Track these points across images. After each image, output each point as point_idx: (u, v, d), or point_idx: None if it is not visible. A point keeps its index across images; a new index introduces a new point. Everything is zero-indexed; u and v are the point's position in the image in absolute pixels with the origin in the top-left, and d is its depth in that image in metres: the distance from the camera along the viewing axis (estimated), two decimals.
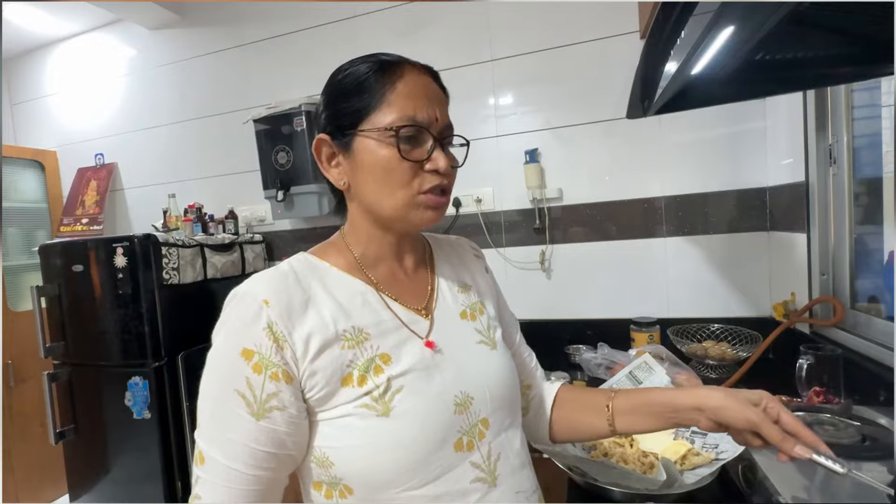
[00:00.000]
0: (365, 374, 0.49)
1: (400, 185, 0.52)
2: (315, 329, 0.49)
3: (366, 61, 0.54)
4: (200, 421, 0.49)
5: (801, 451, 0.48)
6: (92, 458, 1.67)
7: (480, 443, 0.53)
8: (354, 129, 0.52)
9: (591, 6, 1.55)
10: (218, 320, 0.51)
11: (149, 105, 2.20)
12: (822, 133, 1.14)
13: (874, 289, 1.11)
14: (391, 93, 0.51)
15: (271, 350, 0.47)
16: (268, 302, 0.48)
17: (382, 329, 0.53)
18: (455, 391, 0.52)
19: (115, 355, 1.57)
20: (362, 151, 0.52)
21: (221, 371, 0.48)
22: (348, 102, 0.53)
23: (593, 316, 1.62)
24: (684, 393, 0.56)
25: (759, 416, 0.49)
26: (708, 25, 0.59)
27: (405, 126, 0.51)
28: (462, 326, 0.60)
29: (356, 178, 0.54)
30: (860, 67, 0.78)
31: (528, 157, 1.62)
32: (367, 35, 1.81)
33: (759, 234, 1.46)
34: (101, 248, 1.55)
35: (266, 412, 0.47)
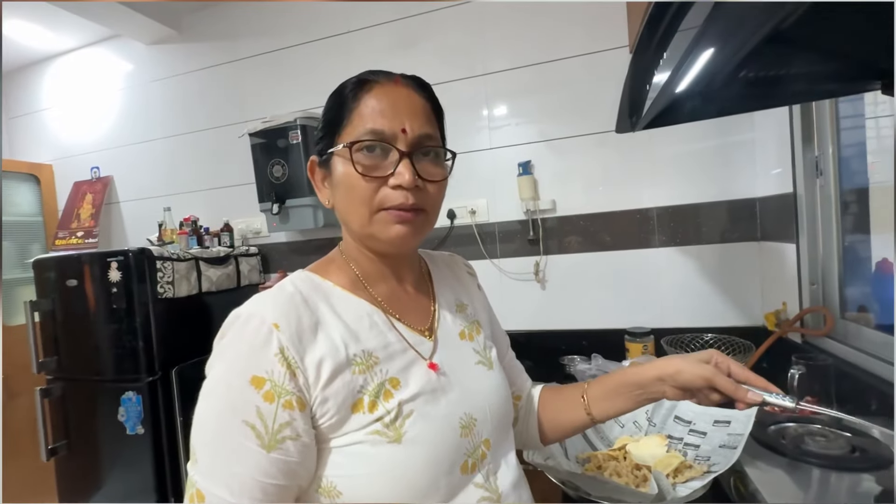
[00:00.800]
0: (375, 399, 0.48)
1: (361, 201, 0.50)
2: (326, 354, 0.47)
3: (350, 80, 0.54)
4: (199, 455, 0.45)
5: (752, 396, 0.52)
6: (84, 475, 1.65)
7: (482, 463, 0.53)
8: (330, 148, 0.53)
9: (582, 22, 1.58)
10: (216, 345, 0.48)
11: (145, 119, 2.21)
12: (809, 145, 1.16)
13: (863, 298, 1.12)
14: (355, 109, 0.51)
15: (284, 377, 0.44)
16: (278, 325, 0.46)
17: (390, 352, 0.52)
18: (460, 413, 0.52)
19: (109, 370, 1.56)
20: (336, 171, 0.53)
21: (226, 401, 0.45)
22: (326, 123, 0.54)
23: (588, 326, 1.63)
24: (645, 367, 0.59)
25: (711, 371, 0.53)
26: (691, 44, 0.60)
27: (360, 141, 0.49)
28: (462, 347, 0.60)
29: (335, 197, 0.55)
30: (841, 84, 0.80)
31: (521, 168, 1.63)
32: (361, 50, 1.84)
33: (750, 244, 1.48)
34: (96, 262, 1.55)
35: (278, 443, 0.44)
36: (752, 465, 0.73)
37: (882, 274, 1.04)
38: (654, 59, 0.73)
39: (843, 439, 0.77)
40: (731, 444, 0.77)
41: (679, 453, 0.83)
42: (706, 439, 0.83)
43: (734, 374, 0.54)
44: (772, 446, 0.77)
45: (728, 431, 0.80)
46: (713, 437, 0.82)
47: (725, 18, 0.53)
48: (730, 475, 0.74)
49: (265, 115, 1.77)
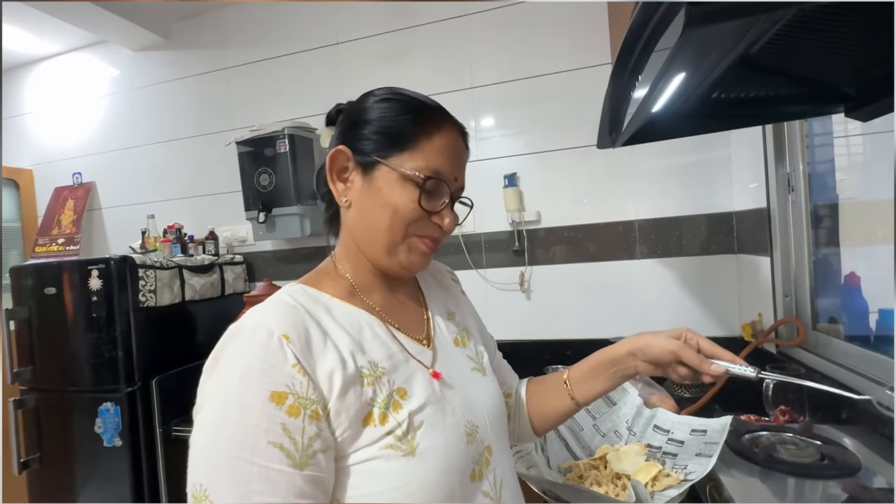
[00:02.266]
0: (385, 411, 0.47)
1: (403, 222, 0.52)
2: (336, 366, 0.45)
3: (409, 99, 0.55)
4: (214, 497, 0.40)
5: (716, 368, 0.55)
6: (58, 489, 1.60)
7: (487, 470, 0.53)
8: (382, 158, 0.52)
9: (566, 38, 1.62)
10: (213, 365, 0.44)
11: (130, 125, 2.19)
12: (781, 162, 1.21)
13: (834, 310, 1.16)
14: (426, 141, 0.53)
15: (307, 387, 0.42)
16: (288, 337, 0.44)
17: (394, 362, 0.51)
18: (464, 421, 0.52)
19: (86, 380, 1.53)
20: (382, 181, 0.52)
21: (244, 425, 0.41)
22: (382, 131, 0.53)
23: (571, 336, 1.65)
24: (618, 344, 0.63)
25: (678, 345, 0.57)
26: (664, 66, 0.63)
27: (431, 177, 0.52)
28: (458, 355, 0.60)
29: (363, 201, 0.54)
30: (808, 107, 0.85)
31: (506, 181, 1.66)
32: (350, 62, 1.85)
33: (728, 256, 1.52)
34: (76, 270, 1.52)
35: (310, 458, 0.41)
36: (727, 474, 0.75)
37: (850, 287, 1.08)
38: (630, 79, 0.76)
39: (812, 447, 0.79)
40: (706, 452, 0.79)
41: (658, 462, 0.84)
42: (683, 448, 0.85)
43: (703, 349, 0.57)
44: (745, 454, 0.79)
45: (704, 440, 0.82)
46: (690, 446, 0.84)
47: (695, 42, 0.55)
48: (705, 483, 0.76)
49: (253, 124, 1.77)
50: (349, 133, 0.55)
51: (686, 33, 0.44)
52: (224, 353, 0.45)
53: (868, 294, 1.07)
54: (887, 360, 0.89)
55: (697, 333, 0.58)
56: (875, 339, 1.02)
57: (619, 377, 0.63)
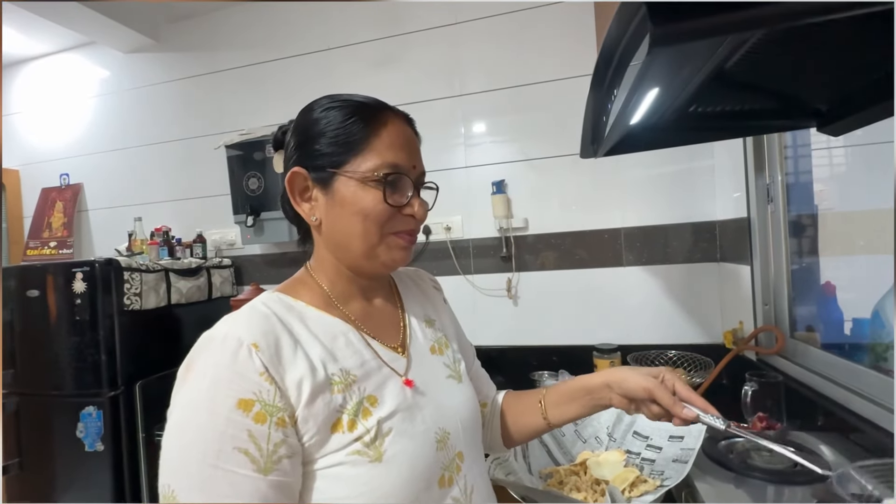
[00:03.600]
0: (354, 418, 0.48)
1: (375, 224, 0.53)
2: (306, 374, 0.47)
3: (348, 103, 0.55)
4: (181, 498, 0.41)
5: (687, 412, 0.55)
6: (38, 495, 1.57)
7: (458, 476, 0.54)
8: (337, 168, 0.53)
9: (555, 49, 1.65)
10: (185, 372, 0.46)
11: (118, 127, 2.18)
12: (760, 173, 1.23)
13: (811, 318, 1.18)
14: (375, 139, 0.53)
15: (274, 395, 0.44)
16: (257, 346, 0.45)
17: (366, 370, 0.52)
18: (435, 428, 0.53)
19: (68, 384, 1.51)
20: (344, 191, 0.53)
21: (211, 431, 0.42)
22: (331, 142, 0.53)
23: (558, 342, 1.66)
24: (596, 374, 0.64)
25: (654, 384, 0.57)
26: (636, 81, 0.65)
27: (391, 173, 0.52)
28: (433, 362, 0.61)
29: (331, 214, 0.54)
30: (783, 121, 0.87)
31: (494, 187, 1.68)
32: (340, 67, 1.86)
33: (710, 264, 1.54)
34: (60, 272, 1.51)
35: (275, 464, 0.43)
36: (702, 480, 0.77)
37: (826, 296, 1.11)
38: (608, 92, 0.78)
39: None
40: (683, 458, 0.80)
41: (636, 468, 0.85)
42: (661, 454, 0.86)
43: (678, 393, 0.57)
44: (720, 461, 0.81)
45: (681, 446, 0.83)
46: (668, 452, 0.85)
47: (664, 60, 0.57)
48: (681, 489, 0.77)
49: (242, 128, 1.77)
50: (299, 152, 0.55)
51: (652, 52, 0.45)
52: (196, 361, 0.46)
53: (845, 303, 1.10)
54: (861, 369, 0.91)
55: (675, 376, 0.59)
56: (849, 347, 1.04)
57: (592, 406, 0.64)
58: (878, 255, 1.11)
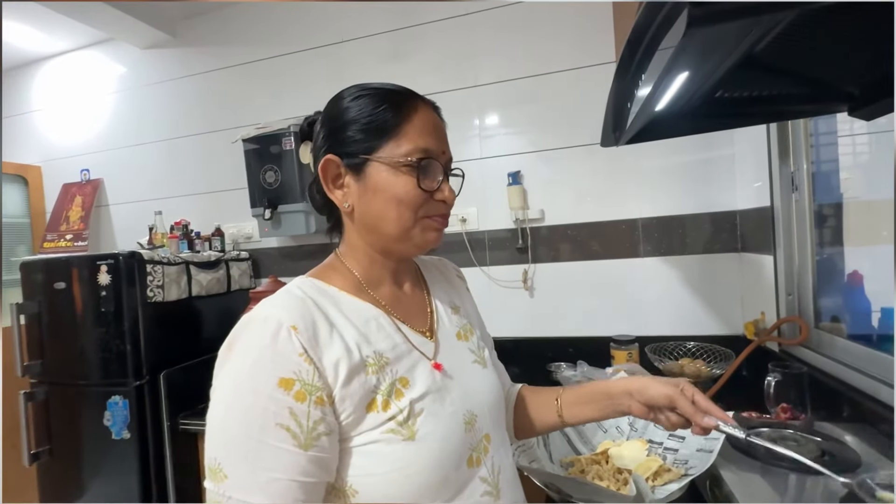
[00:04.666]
0: (388, 398, 0.49)
1: (410, 209, 0.54)
2: (342, 356, 0.48)
3: (378, 91, 0.56)
4: (227, 469, 0.44)
5: (708, 421, 0.56)
6: (67, 481, 1.63)
7: (486, 457, 0.55)
8: (369, 155, 0.54)
9: (571, 37, 1.63)
10: (227, 352, 0.48)
11: (137, 122, 2.21)
12: (785, 161, 1.21)
13: (836, 309, 1.16)
14: (407, 125, 0.54)
15: (313, 375, 0.46)
16: (296, 328, 0.47)
17: (398, 353, 0.54)
18: (463, 410, 0.54)
19: (95, 374, 1.55)
20: (375, 177, 0.54)
21: (254, 407, 0.44)
22: (363, 129, 0.54)
23: (574, 334, 1.65)
24: (617, 381, 0.64)
25: (676, 392, 0.58)
26: (667, 66, 0.64)
27: (423, 158, 0.54)
28: (460, 347, 0.63)
29: (364, 200, 0.55)
30: (811, 106, 0.85)
31: (510, 179, 1.67)
32: (354, 60, 1.86)
33: (731, 255, 1.52)
34: (85, 265, 1.54)
35: (314, 440, 0.45)
36: (727, 469, 0.76)
37: (853, 286, 1.09)
38: (634, 78, 0.77)
39: (813, 444, 0.80)
40: (707, 448, 0.80)
41: (659, 457, 0.85)
42: (685, 444, 0.86)
43: (697, 403, 0.58)
44: (746, 451, 0.80)
45: (706, 436, 0.83)
46: (691, 442, 0.85)
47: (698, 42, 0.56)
48: (706, 478, 0.77)
49: (258, 122, 1.78)
50: (331, 140, 0.56)
51: (689, 33, 0.45)
52: (237, 342, 0.48)
53: (871, 293, 1.07)
54: (889, 359, 0.90)
55: (694, 388, 0.59)
56: (877, 338, 1.02)
57: (611, 411, 0.65)
58: None
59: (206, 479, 0.46)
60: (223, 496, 0.44)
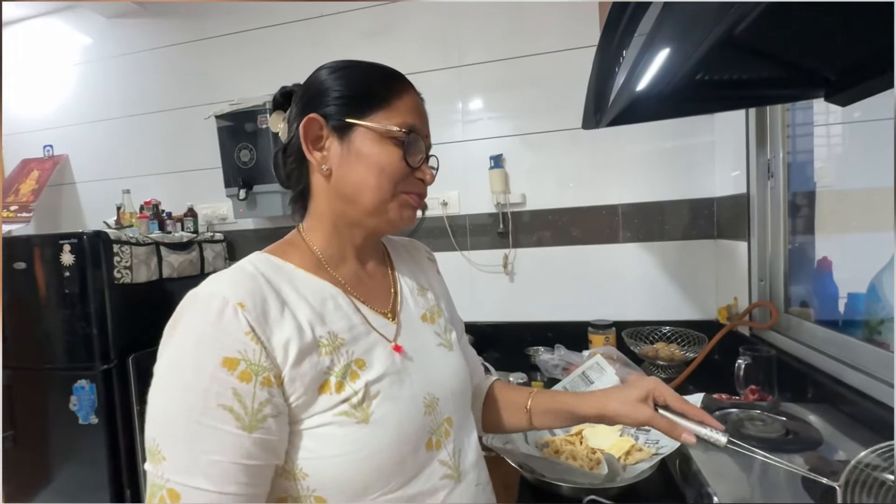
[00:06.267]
0: (342, 380, 0.48)
1: (390, 181, 0.53)
2: (293, 335, 0.47)
3: (371, 65, 0.57)
4: (166, 452, 0.42)
5: (686, 437, 0.56)
6: (33, 468, 1.58)
7: (447, 441, 0.55)
8: (357, 119, 0.53)
9: (556, 19, 1.60)
10: (171, 330, 0.46)
11: (103, 96, 2.10)
12: (762, 148, 1.22)
13: (805, 294, 1.20)
14: (398, 100, 0.54)
15: (260, 354, 0.44)
16: (243, 305, 0.44)
17: (355, 334, 0.52)
18: (423, 393, 0.54)
19: (60, 358, 1.49)
20: (360, 143, 0.53)
21: (196, 387, 0.42)
22: (353, 94, 0.54)
23: (553, 318, 1.67)
24: (587, 403, 0.63)
25: (649, 415, 0.57)
26: (644, 45, 0.62)
27: (412, 132, 0.54)
28: (424, 330, 0.61)
29: (345, 165, 0.53)
30: (790, 91, 0.85)
31: (492, 162, 1.65)
32: (333, 35, 1.80)
33: (707, 241, 1.55)
34: (47, 244, 1.47)
35: (259, 422, 0.43)
36: (696, 448, 0.77)
37: (822, 271, 1.11)
38: (614, 58, 0.75)
39: (778, 423, 0.82)
40: None
41: (631, 437, 0.87)
42: None
43: (671, 405, 0.57)
44: None
45: None
46: None
47: (677, 19, 0.55)
48: (675, 457, 0.78)
49: (233, 98, 1.71)
50: (313, 103, 0.55)
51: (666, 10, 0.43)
52: (181, 319, 0.45)
53: (839, 280, 1.10)
54: (854, 342, 0.92)
55: (664, 386, 0.59)
56: (843, 323, 1.05)
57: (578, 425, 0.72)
58: (874, 233, 1.12)
59: (147, 458, 0.44)
60: (161, 478, 0.42)
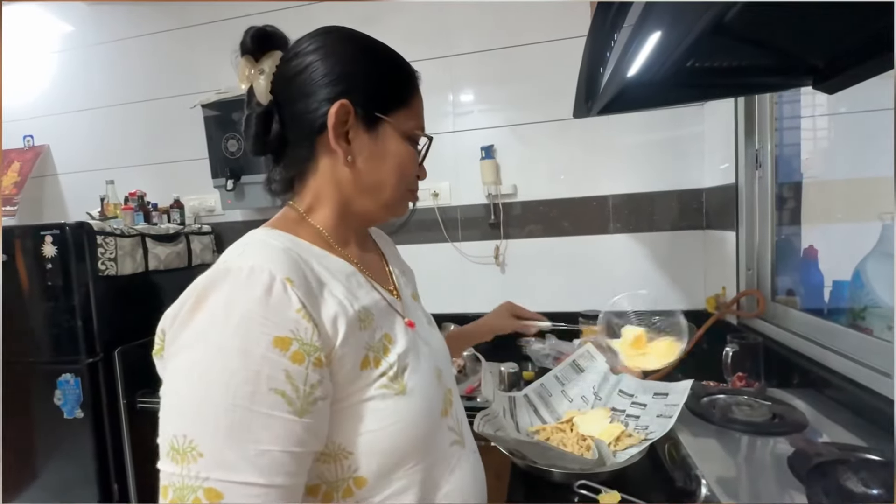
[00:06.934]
0: (378, 354, 0.48)
1: (405, 180, 0.56)
2: (339, 311, 0.45)
3: (392, 52, 0.57)
4: (204, 447, 0.37)
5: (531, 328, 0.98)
6: (17, 463, 1.55)
7: (451, 409, 0.57)
8: (387, 114, 0.53)
9: (547, 8, 1.59)
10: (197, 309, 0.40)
11: (86, 85, 2.05)
12: (750, 138, 1.23)
13: (792, 283, 1.21)
14: (415, 100, 0.56)
15: (312, 333, 0.41)
16: (291, 280, 0.42)
17: (379, 309, 0.52)
18: (433, 365, 0.55)
19: (45, 351, 1.47)
20: (388, 140, 0.54)
21: (244, 371, 0.38)
22: (385, 87, 0.54)
23: (545, 309, 1.65)
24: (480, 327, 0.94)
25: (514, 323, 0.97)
26: (634, 31, 0.62)
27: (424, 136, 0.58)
28: (416, 307, 0.64)
29: (372, 160, 0.53)
30: (779, 78, 0.86)
31: (483, 153, 1.64)
32: (324, 22, 1.73)
33: (696, 232, 1.56)
34: (28, 236, 1.44)
35: (310, 406, 0.41)
36: (684, 433, 0.79)
37: (808, 260, 1.13)
38: (606, 43, 0.75)
39: (765, 408, 0.84)
40: (667, 413, 0.82)
41: (621, 423, 0.87)
42: (646, 410, 0.88)
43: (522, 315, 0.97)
44: (703, 415, 0.83)
45: (665, 402, 0.85)
46: (652, 408, 0.87)
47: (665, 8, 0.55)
48: (664, 442, 0.79)
49: (219, 87, 1.68)
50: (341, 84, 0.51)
51: None
52: (209, 296, 0.41)
53: (824, 269, 1.12)
54: (838, 328, 0.94)
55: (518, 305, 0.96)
56: (828, 311, 1.07)
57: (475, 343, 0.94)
58: (857, 223, 1.14)
59: (163, 462, 0.39)
60: (196, 478, 0.37)
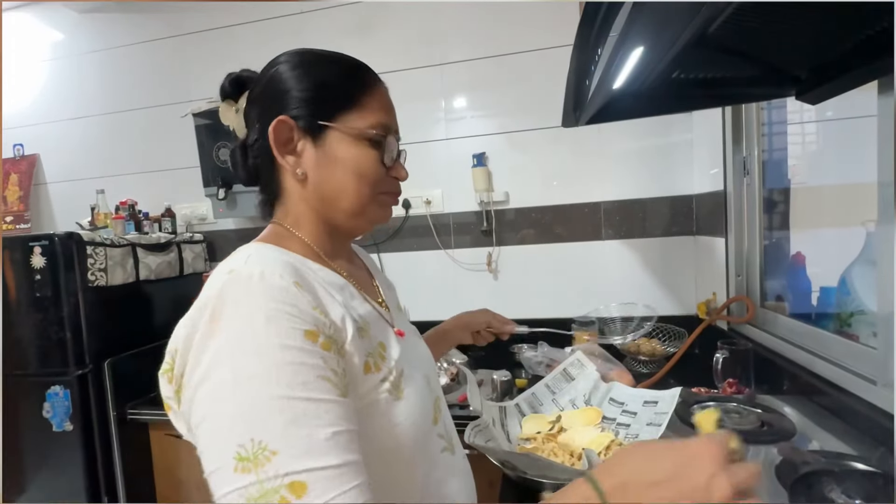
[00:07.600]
0: (377, 360, 0.49)
1: (369, 184, 0.53)
2: (344, 313, 0.47)
3: (340, 58, 0.55)
4: (276, 444, 0.36)
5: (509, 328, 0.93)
6: (5, 477, 1.52)
7: (441, 416, 0.58)
8: (330, 122, 0.51)
9: (539, 17, 1.60)
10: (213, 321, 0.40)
11: (76, 93, 2.04)
12: (738, 146, 1.24)
13: (780, 288, 1.22)
14: (369, 98, 0.53)
15: (330, 327, 0.43)
16: (300, 285, 0.43)
17: (373, 319, 0.53)
18: (423, 373, 0.56)
19: (33, 363, 1.44)
20: (336, 146, 0.52)
21: (290, 364, 0.39)
22: (326, 94, 0.52)
23: (537, 315, 1.67)
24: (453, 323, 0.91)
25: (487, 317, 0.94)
26: (617, 44, 0.63)
27: (387, 134, 0.53)
28: (402, 317, 0.65)
29: (322, 170, 0.52)
30: (763, 89, 0.87)
31: (475, 160, 1.65)
32: (313, 31, 1.78)
33: (686, 238, 1.57)
34: (17, 247, 1.42)
35: (346, 388, 0.43)
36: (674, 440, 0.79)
37: (796, 266, 1.14)
38: (590, 57, 0.76)
39: (754, 415, 0.84)
40: (656, 421, 0.82)
41: (612, 432, 0.87)
42: (636, 418, 0.88)
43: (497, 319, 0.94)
44: (692, 423, 0.83)
45: (655, 410, 0.86)
46: (642, 416, 0.87)
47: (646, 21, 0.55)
48: None
49: (211, 95, 1.68)
50: (277, 103, 0.52)
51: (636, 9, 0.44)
52: (227, 305, 0.40)
53: (811, 275, 1.13)
54: (825, 335, 0.95)
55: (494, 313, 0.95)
56: (816, 316, 1.08)
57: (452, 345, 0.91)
58: (844, 228, 1.15)
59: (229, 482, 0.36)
60: (276, 477, 0.35)
